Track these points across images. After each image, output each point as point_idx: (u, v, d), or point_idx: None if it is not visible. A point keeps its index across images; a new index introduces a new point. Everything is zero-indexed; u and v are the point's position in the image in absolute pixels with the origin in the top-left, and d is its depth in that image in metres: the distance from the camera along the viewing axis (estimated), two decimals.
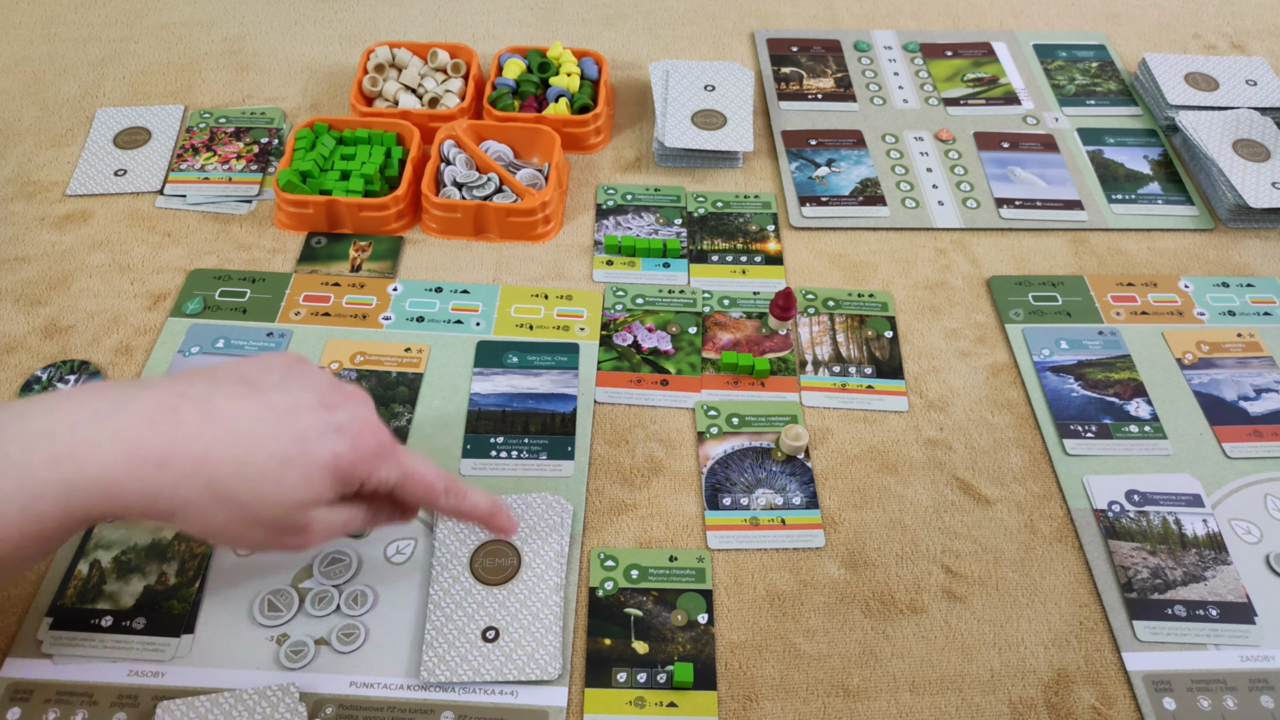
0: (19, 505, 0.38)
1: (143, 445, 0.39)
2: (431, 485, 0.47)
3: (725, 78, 0.81)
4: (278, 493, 0.41)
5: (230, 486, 0.40)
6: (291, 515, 0.42)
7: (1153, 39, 0.92)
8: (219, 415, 0.41)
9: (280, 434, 0.41)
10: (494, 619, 0.51)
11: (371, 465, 0.44)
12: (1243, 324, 0.67)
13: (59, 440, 0.38)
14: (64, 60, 0.84)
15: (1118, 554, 0.55)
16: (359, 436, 0.43)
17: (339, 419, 0.43)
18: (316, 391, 0.43)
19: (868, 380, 0.63)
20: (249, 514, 0.41)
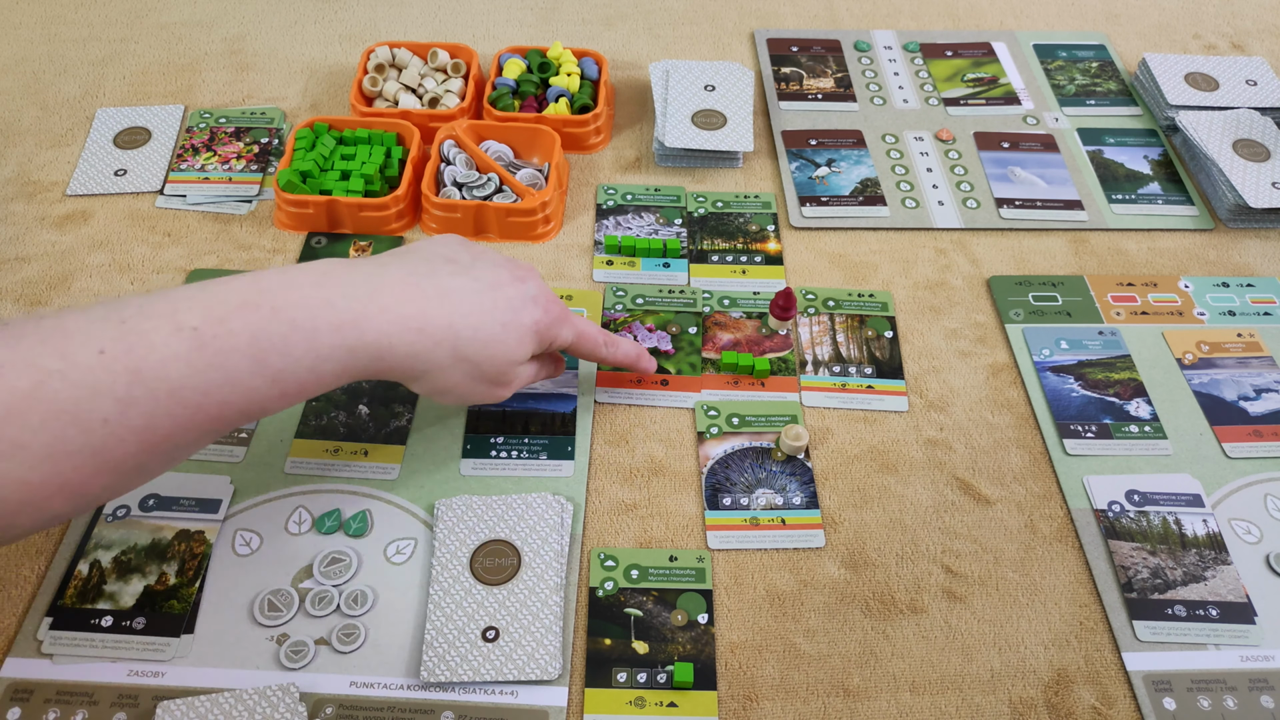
0: (307, 365, 0.44)
1: (405, 315, 0.46)
2: (595, 340, 0.57)
3: (725, 78, 0.81)
4: (503, 353, 0.50)
5: (469, 349, 0.48)
6: (507, 371, 0.51)
7: (1153, 39, 0.92)
8: (449, 290, 0.48)
9: (498, 304, 0.49)
10: (494, 619, 0.51)
11: (558, 328, 0.53)
12: (1243, 324, 0.67)
13: (338, 309, 0.44)
14: (64, 60, 0.84)
15: (1118, 554, 0.55)
16: (548, 305, 0.52)
17: (531, 290, 0.51)
18: (505, 267, 0.52)
19: (868, 380, 0.63)
20: (479, 371, 0.50)
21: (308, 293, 0.44)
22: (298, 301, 0.44)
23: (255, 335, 0.42)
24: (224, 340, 0.42)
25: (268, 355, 0.43)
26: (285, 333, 0.43)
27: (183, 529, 0.54)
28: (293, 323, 0.43)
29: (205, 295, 0.43)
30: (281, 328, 0.43)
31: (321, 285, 0.45)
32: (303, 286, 0.45)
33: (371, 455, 0.58)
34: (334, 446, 0.58)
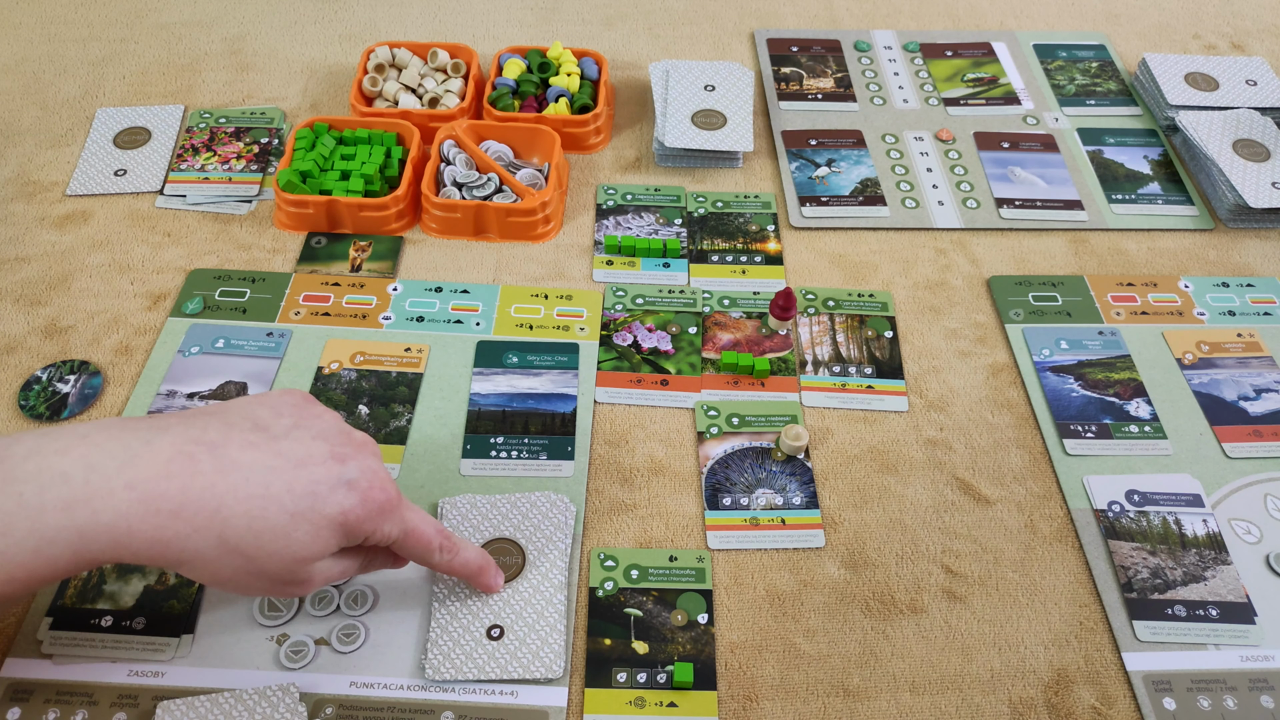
0: (30, 548, 0.38)
1: (158, 495, 0.39)
2: (429, 542, 0.47)
3: (725, 78, 0.81)
4: (285, 548, 0.41)
5: (241, 541, 0.40)
6: (295, 569, 0.42)
7: (1153, 39, 0.92)
8: (234, 465, 0.41)
9: (293, 488, 0.41)
10: (498, 617, 0.51)
11: (377, 521, 0.44)
12: (1243, 324, 0.67)
13: (74, 485, 0.38)
14: (64, 60, 0.84)
15: (1118, 554, 0.55)
16: (368, 491, 0.43)
17: (350, 473, 0.43)
18: (328, 441, 0.44)
19: (868, 380, 0.63)
20: (255, 566, 0.41)
21: (47, 461, 0.39)
22: (33, 473, 0.38)
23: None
24: None
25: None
26: (9, 509, 0.38)
27: None
28: (19, 498, 0.38)
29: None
30: (5, 503, 0.38)
31: (66, 453, 0.39)
32: (46, 454, 0.39)
33: None
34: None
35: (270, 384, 0.61)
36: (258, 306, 0.65)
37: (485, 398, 0.61)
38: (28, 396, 0.60)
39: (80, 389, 0.60)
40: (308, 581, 0.44)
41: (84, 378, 0.61)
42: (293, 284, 0.67)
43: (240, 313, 0.65)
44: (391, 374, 0.62)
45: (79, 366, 0.61)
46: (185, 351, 0.63)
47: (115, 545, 0.39)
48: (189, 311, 0.65)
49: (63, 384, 0.60)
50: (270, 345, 0.63)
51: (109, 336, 0.64)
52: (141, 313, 0.65)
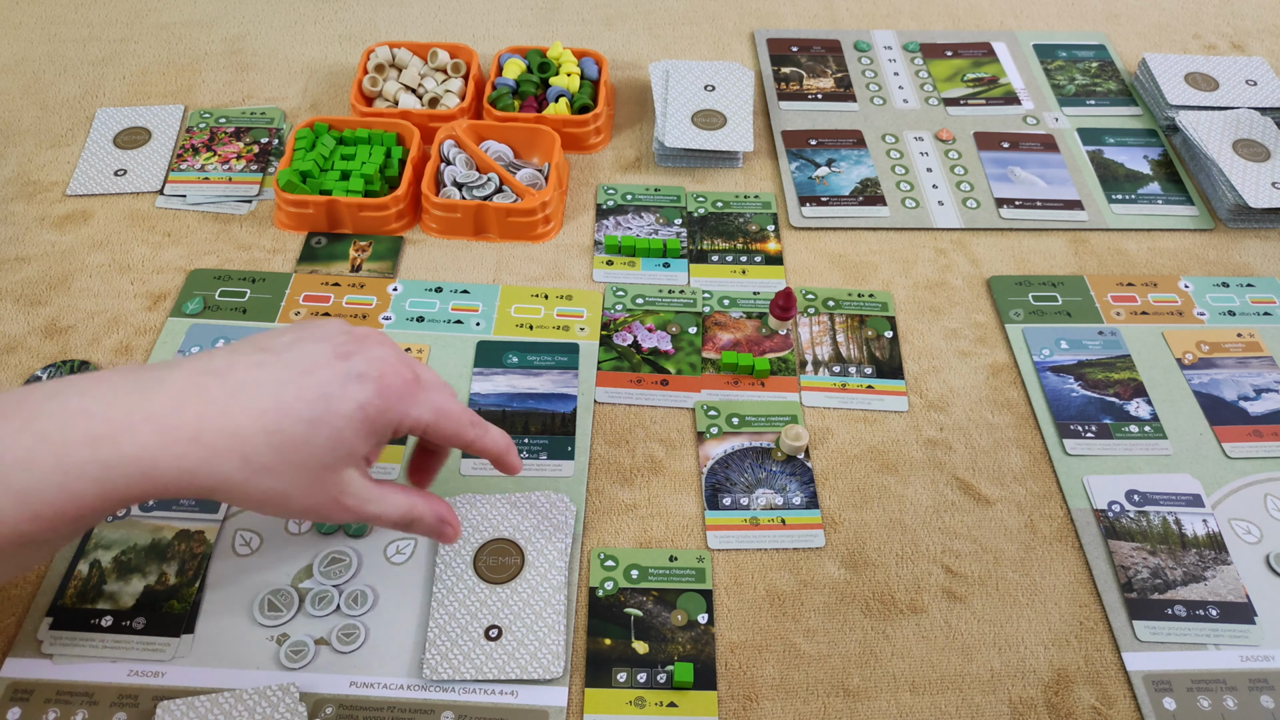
0: (56, 483, 0.38)
1: (175, 424, 0.39)
2: (460, 420, 0.46)
3: (725, 78, 0.81)
4: (310, 457, 0.41)
5: (263, 457, 0.40)
6: (328, 481, 0.42)
7: (1153, 39, 0.92)
8: (242, 385, 0.40)
9: (303, 394, 0.41)
10: (497, 617, 0.51)
11: (401, 406, 0.43)
12: (1243, 324, 0.67)
13: (95, 420, 0.38)
14: (64, 60, 0.84)
15: (1118, 554, 0.55)
16: (382, 378, 0.42)
17: (358, 365, 0.42)
18: (330, 341, 0.43)
19: (868, 380, 0.63)
20: (284, 483, 0.41)
21: (68, 401, 0.39)
22: (54, 411, 0.38)
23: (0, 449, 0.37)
24: None
25: (10, 471, 0.37)
26: (31, 445, 0.38)
27: (183, 529, 0.54)
28: (42, 434, 0.38)
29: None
30: (28, 440, 0.38)
31: (86, 392, 0.39)
32: (66, 394, 0.39)
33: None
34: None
35: None
36: (258, 306, 0.65)
37: (485, 398, 0.61)
38: None
39: None
40: (343, 496, 0.42)
41: None
42: (293, 284, 0.67)
43: (240, 313, 0.65)
44: None
45: (79, 366, 0.61)
46: (185, 351, 0.63)
47: (143, 477, 0.39)
48: (189, 311, 0.65)
49: None
50: None
51: (109, 336, 0.64)
52: (141, 313, 0.65)
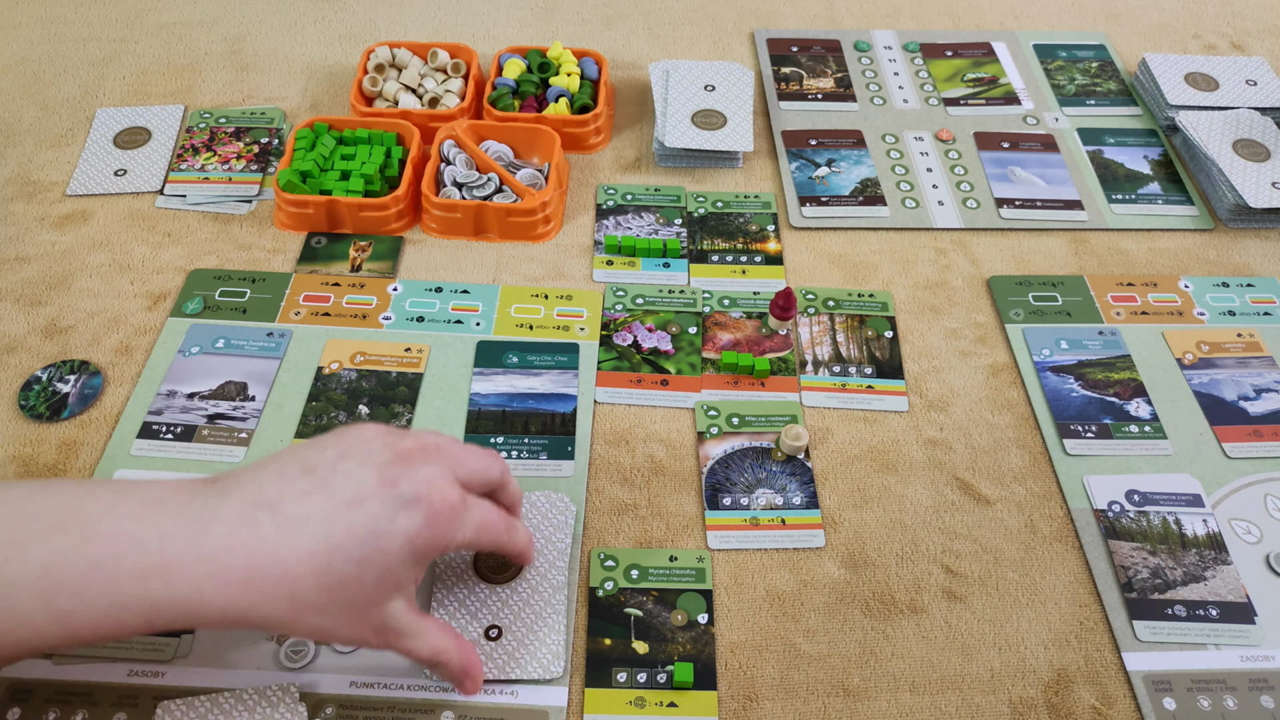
0: (102, 610, 0.38)
1: (227, 565, 0.39)
2: (498, 528, 0.45)
3: (725, 78, 0.81)
4: (359, 595, 0.41)
5: (312, 597, 0.40)
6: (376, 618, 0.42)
7: (1153, 39, 0.92)
8: (292, 522, 0.40)
9: (352, 531, 0.40)
10: (497, 617, 0.51)
11: (449, 531, 0.42)
12: (1243, 324, 0.67)
13: (149, 553, 0.38)
14: (64, 60, 0.84)
15: (1118, 554, 0.55)
16: (430, 505, 0.41)
17: (405, 492, 0.41)
18: (376, 465, 0.41)
19: (868, 380, 0.63)
20: (332, 619, 0.41)
21: (122, 524, 0.38)
22: (108, 535, 0.38)
23: (49, 568, 0.37)
24: (15, 568, 0.37)
25: (56, 594, 0.37)
26: (82, 571, 0.37)
27: None
28: (93, 561, 0.38)
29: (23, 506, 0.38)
30: (79, 565, 0.37)
31: (141, 517, 0.39)
32: (121, 516, 0.39)
33: None
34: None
35: (270, 384, 0.61)
36: (258, 306, 0.65)
37: (485, 398, 0.61)
38: (28, 396, 0.60)
39: (80, 389, 0.60)
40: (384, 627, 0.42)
41: (84, 378, 0.61)
42: (293, 284, 0.67)
43: (240, 313, 0.65)
44: (391, 374, 0.62)
45: (79, 366, 0.61)
46: (185, 351, 0.63)
47: (189, 614, 0.39)
48: (189, 311, 0.65)
49: (63, 384, 0.60)
50: (270, 345, 0.63)
51: (109, 336, 0.64)
52: (141, 313, 0.65)
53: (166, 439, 0.58)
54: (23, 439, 0.58)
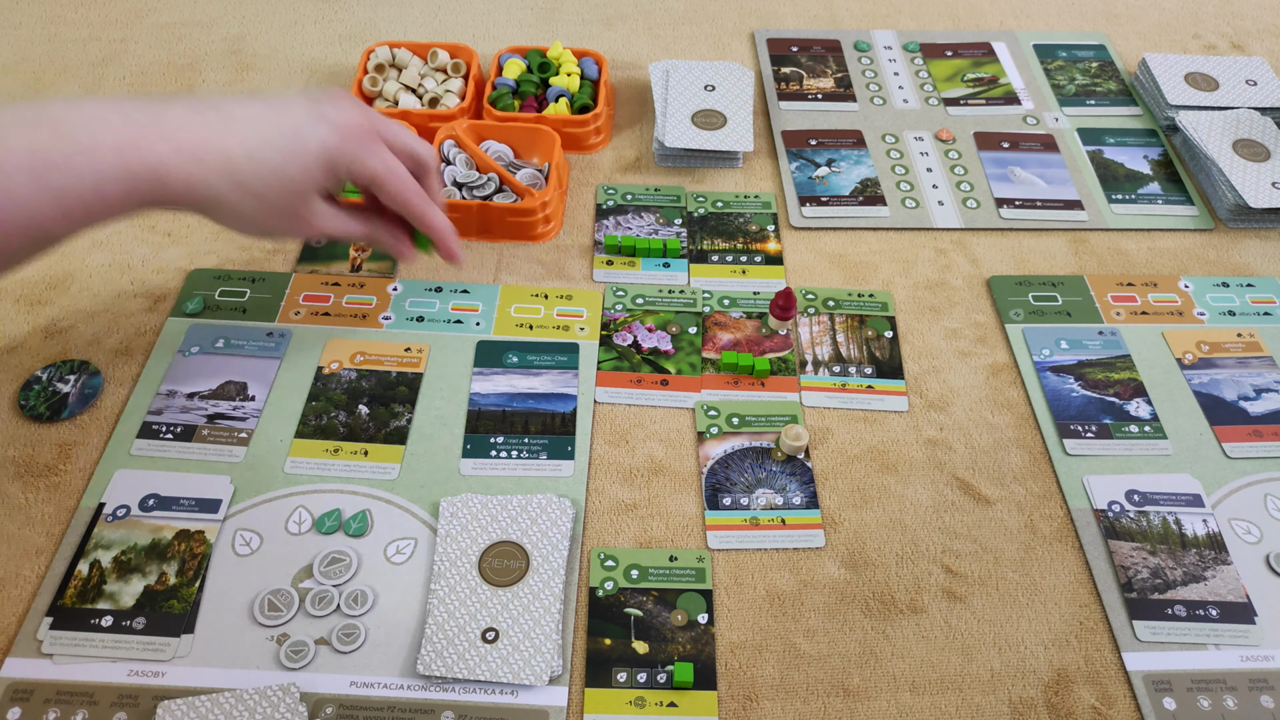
0: (90, 184, 0.44)
1: (183, 142, 0.46)
2: (405, 184, 0.53)
3: (725, 78, 0.81)
4: (282, 183, 0.49)
5: (248, 179, 0.48)
6: (296, 204, 0.50)
7: (1153, 39, 0.92)
8: (233, 117, 0.48)
9: (280, 128, 0.48)
10: (496, 620, 0.51)
11: (356, 152, 0.50)
12: (1243, 324, 0.67)
13: (119, 130, 0.45)
14: (64, 60, 0.84)
15: (1118, 554, 0.55)
16: (344, 125, 0.50)
17: (326, 111, 0.50)
18: (306, 94, 0.51)
19: (868, 380, 0.63)
20: (265, 204, 0.49)
21: (90, 112, 0.45)
22: (79, 121, 0.44)
23: (34, 151, 0.43)
24: (4, 156, 0.42)
25: (48, 173, 0.43)
26: (66, 150, 0.43)
27: (183, 529, 0.54)
28: (73, 139, 0.44)
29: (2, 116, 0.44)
30: (62, 144, 0.43)
31: (104, 106, 0.46)
32: (87, 108, 0.45)
33: (371, 455, 0.58)
34: (334, 446, 0.58)
35: (270, 385, 0.61)
36: (258, 306, 0.65)
37: (485, 398, 0.61)
38: (28, 396, 0.60)
39: (80, 389, 0.60)
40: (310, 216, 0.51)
41: (84, 378, 0.61)
42: (293, 284, 0.67)
43: (240, 313, 0.65)
44: (391, 374, 0.62)
45: (79, 366, 0.61)
46: (185, 351, 0.63)
47: (159, 185, 0.46)
48: (189, 311, 0.65)
49: (63, 384, 0.60)
50: (270, 345, 0.63)
51: (109, 336, 0.64)
52: (141, 313, 0.65)
53: (166, 439, 0.58)
54: (23, 439, 0.58)
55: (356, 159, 0.51)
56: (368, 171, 0.52)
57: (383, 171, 0.52)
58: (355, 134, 0.50)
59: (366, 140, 0.51)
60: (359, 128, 0.51)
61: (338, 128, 0.50)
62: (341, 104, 0.51)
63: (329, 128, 0.50)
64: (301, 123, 0.49)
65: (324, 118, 0.50)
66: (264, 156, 0.48)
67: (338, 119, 0.50)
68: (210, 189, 0.47)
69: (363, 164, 0.51)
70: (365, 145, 0.51)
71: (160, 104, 0.47)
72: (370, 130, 0.51)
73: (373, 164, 0.51)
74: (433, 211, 0.55)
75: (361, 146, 0.51)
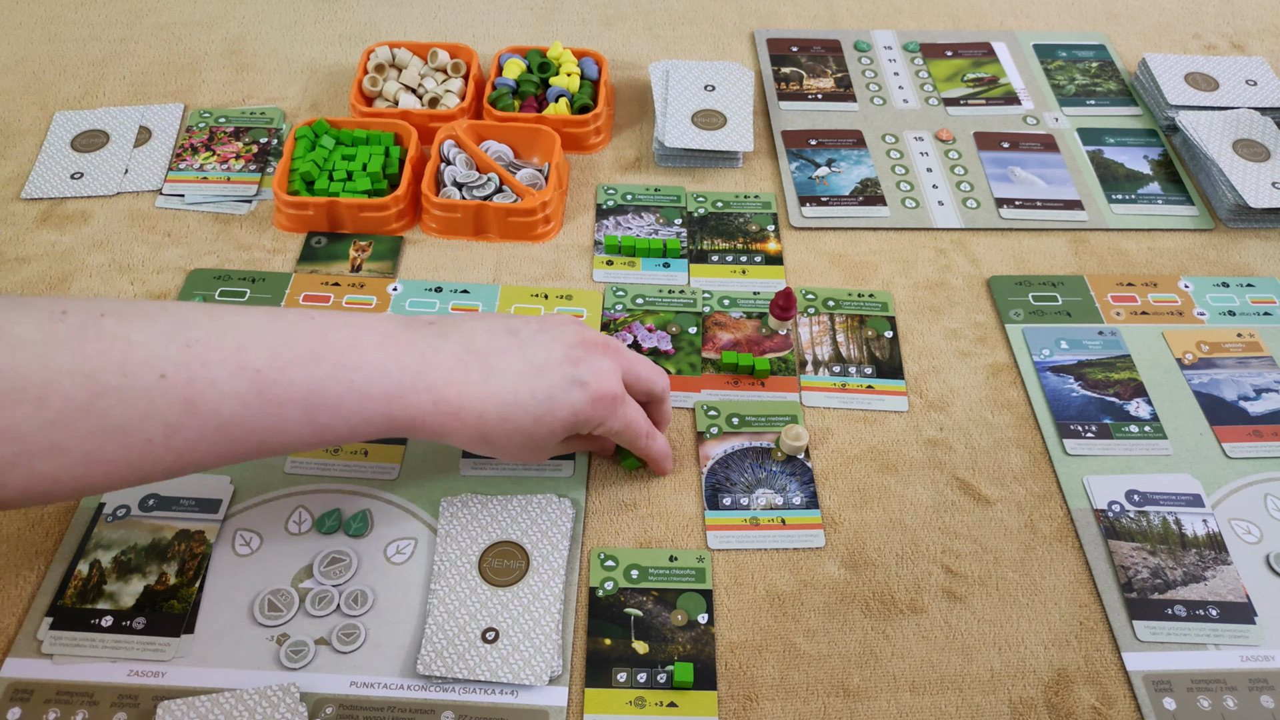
0: (351, 425, 0.46)
1: (444, 398, 0.47)
2: (640, 432, 0.53)
3: (725, 78, 0.81)
4: (526, 442, 0.50)
5: (495, 437, 0.49)
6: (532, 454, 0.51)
7: (1153, 39, 0.92)
8: (494, 372, 0.48)
9: (535, 393, 0.48)
10: (496, 620, 0.51)
11: (603, 416, 0.50)
12: (1243, 324, 0.67)
13: (391, 381, 0.46)
14: (64, 60, 0.84)
15: (1118, 554, 0.55)
16: (596, 391, 0.49)
17: (582, 374, 0.49)
18: (564, 342, 0.50)
19: (868, 380, 0.63)
20: (507, 454, 0.51)
21: (368, 356, 0.46)
22: (358, 364, 0.46)
23: (313, 390, 0.45)
24: (283, 389, 0.44)
25: (319, 411, 0.45)
26: (341, 393, 0.45)
27: (183, 529, 0.54)
28: (350, 385, 0.45)
29: (273, 337, 0.45)
30: (338, 388, 0.45)
31: (383, 349, 0.47)
32: (365, 349, 0.46)
33: (371, 455, 0.58)
34: (334, 446, 0.58)
35: None
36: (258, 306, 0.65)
37: None
38: None
39: None
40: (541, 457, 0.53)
41: None
42: (293, 284, 0.67)
43: None
44: None
45: None
46: None
47: (408, 429, 0.48)
48: None
49: None
50: None
51: None
52: None
53: None
54: None
55: (603, 423, 0.50)
56: (609, 432, 0.52)
57: (621, 430, 0.52)
58: (604, 401, 0.50)
59: (612, 406, 0.50)
60: (608, 395, 0.50)
61: (591, 396, 0.49)
62: (598, 363, 0.50)
63: (582, 394, 0.49)
64: (557, 386, 0.48)
65: (580, 382, 0.49)
66: (515, 419, 0.48)
67: (593, 385, 0.49)
68: (459, 438, 0.49)
69: (606, 427, 0.51)
70: (609, 410, 0.50)
71: (429, 348, 0.48)
72: (617, 396, 0.50)
73: (614, 425, 0.51)
74: (655, 444, 0.55)
75: (610, 411, 0.50)
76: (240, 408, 0.43)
